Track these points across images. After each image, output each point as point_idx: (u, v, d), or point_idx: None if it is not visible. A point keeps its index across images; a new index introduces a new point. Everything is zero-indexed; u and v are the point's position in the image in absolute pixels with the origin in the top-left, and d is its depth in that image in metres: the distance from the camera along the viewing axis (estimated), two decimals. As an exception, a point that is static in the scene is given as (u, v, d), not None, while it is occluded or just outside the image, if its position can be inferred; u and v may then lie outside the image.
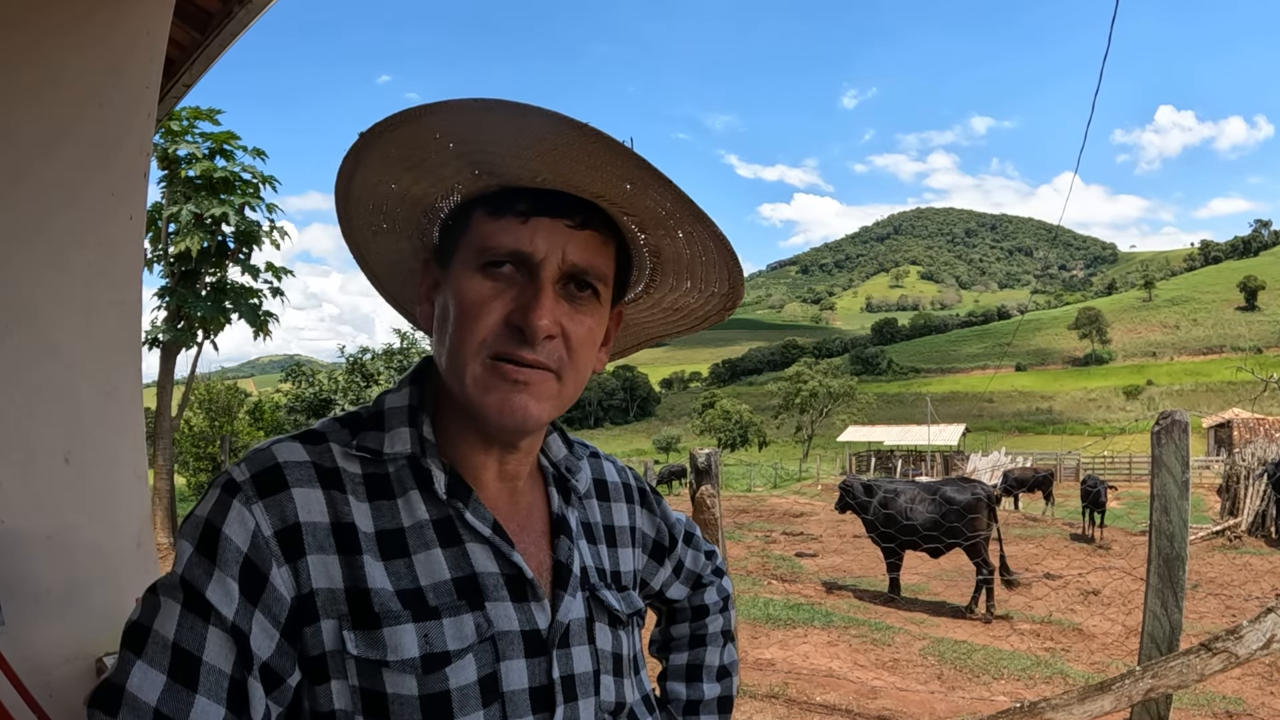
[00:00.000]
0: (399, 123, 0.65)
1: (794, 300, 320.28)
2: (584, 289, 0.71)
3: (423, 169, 0.69)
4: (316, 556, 0.66)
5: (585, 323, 0.71)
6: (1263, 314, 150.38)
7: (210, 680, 0.61)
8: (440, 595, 0.69)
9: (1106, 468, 33.34)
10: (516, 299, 0.68)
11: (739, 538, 13.90)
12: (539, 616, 0.73)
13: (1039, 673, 5.66)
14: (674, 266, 0.79)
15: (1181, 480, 2.93)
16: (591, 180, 0.67)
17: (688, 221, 0.71)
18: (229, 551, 0.64)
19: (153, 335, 10.91)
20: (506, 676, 0.70)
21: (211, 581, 0.63)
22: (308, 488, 0.68)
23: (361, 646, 0.66)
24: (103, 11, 2.58)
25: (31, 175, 2.46)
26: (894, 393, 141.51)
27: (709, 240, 0.73)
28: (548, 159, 0.65)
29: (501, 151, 0.66)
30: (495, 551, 0.73)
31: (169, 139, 10.45)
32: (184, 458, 18.34)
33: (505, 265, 0.69)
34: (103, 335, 2.63)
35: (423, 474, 0.73)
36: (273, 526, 0.65)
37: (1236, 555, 11.03)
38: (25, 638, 2.32)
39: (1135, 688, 2.55)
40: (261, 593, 0.64)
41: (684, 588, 1.04)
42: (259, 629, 0.64)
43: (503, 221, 0.69)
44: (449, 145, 0.66)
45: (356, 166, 0.70)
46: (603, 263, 0.72)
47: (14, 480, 2.38)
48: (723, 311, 0.83)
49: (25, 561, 2.37)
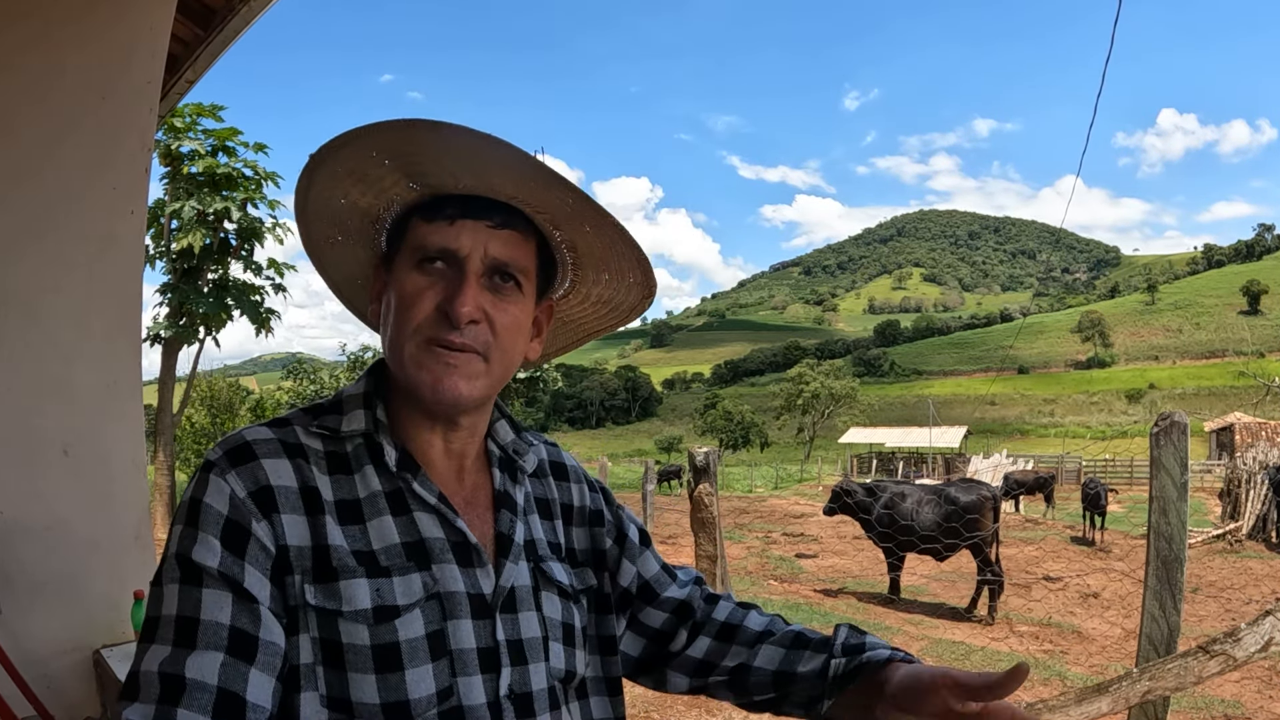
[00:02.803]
0: (340, 144, 0.75)
1: (796, 301, 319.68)
2: (506, 280, 0.80)
3: (366, 183, 0.79)
4: (289, 515, 0.73)
5: (509, 310, 0.80)
6: (1266, 318, 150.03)
7: (209, 634, 0.67)
8: (391, 557, 0.75)
9: (1107, 471, 33.31)
10: (445, 290, 0.77)
11: (739, 538, 13.90)
12: (484, 581, 0.79)
13: (1037, 674, 5.66)
14: (590, 260, 0.88)
15: (1180, 482, 2.92)
16: (504, 183, 0.76)
17: (590, 217, 0.80)
18: (210, 515, 0.71)
19: (155, 331, 10.93)
20: (454, 634, 0.76)
21: (197, 544, 0.70)
22: (275, 458, 0.75)
23: (320, 598, 0.72)
24: (105, 7, 2.59)
25: (34, 170, 2.47)
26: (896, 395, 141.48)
27: (611, 232, 0.82)
28: (464, 165, 0.75)
29: (426, 162, 0.76)
30: (441, 519, 0.80)
31: (172, 135, 10.47)
32: (185, 454, 18.40)
33: (437, 262, 0.78)
34: (103, 329, 2.64)
35: (376, 450, 0.80)
36: (246, 489, 0.72)
37: (1237, 559, 11.02)
38: (23, 629, 2.33)
39: (1133, 690, 2.55)
40: (246, 545, 0.71)
41: (665, 610, 0.99)
42: (252, 577, 0.70)
43: (434, 225, 0.78)
44: (385, 161, 0.76)
45: (310, 183, 0.79)
46: (522, 256, 0.81)
47: (13, 472, 2.39)
48: (644, 300, 0.92)
49: (24, 553, 2.38)
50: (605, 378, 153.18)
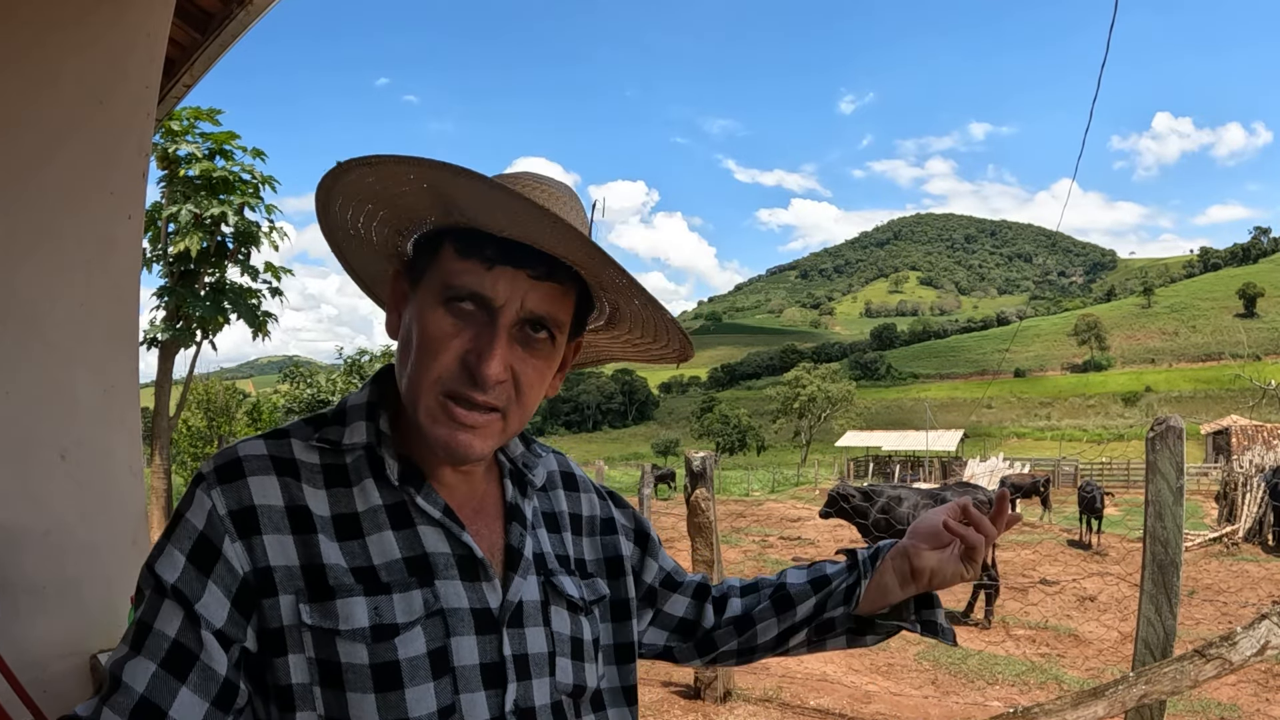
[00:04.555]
0: (377, 162, 0.69)
1: (793, 305, 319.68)
2: (539, 331, 0.75)
3: (399, 196, 0.74)
4: (273, 536, 0.72)
5: (536, 365, 0.76)
6: (1262, 321, 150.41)
7: (152, 643, 0.68)
8: (391, 573, 0.74)
9: (1104, 474, 33.37)
10: (474, 340, 0.73)
11: (735, 542, 13.91)
12: (490, 596, 0.78)
13: (1034, 678, 5.66)
14: (631, 321, 0.86)
15: (1176, 486, 2.93)
16: (554, 244, 0.71)
17: (639, 294, 0.78)
18: (185, 530, 0.71)
19: (151, 335, 10.89)
20: (457, 651, 0.74)
21: (163, 557, 0.70)
22: (263, 475, 0.74)
23: (315, 617, 0.70)
24: (102, 13, 2.60)
25: (31, 174, 2.47)
26: (892, 398, 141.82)
27: (659, 318, 0.81)
28: (513, 221, 0.70)
29: (471, 207, 0.71)
30: (447, 533, 0.78)
31: (169, 139, 10.44)
32: (181, 457, 18.32)
33: (466, 303, 0.73)
34: (100, 333, 2.63)
35: (378, 463, 0.78)
36: (228, 507, 0.71)
37: (1233, 562, 11.05)
38: (20, 633, 2.33)
39: (1129, 693, 2.55)
40: (214, 565, 0.70)
41: (685, 598, 1.04)
42: (210, 597, 0.69)
43: (469, 263, 0.73)
44: (424, 185, 0.71)
45: (335, 182, 0.73)
46: (560, 311, 0.77)
47: (10, 476, 2.39)
48: (676, 359, 0.90)
49: (20, 557, 2.37)
50: (602, 381, 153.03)
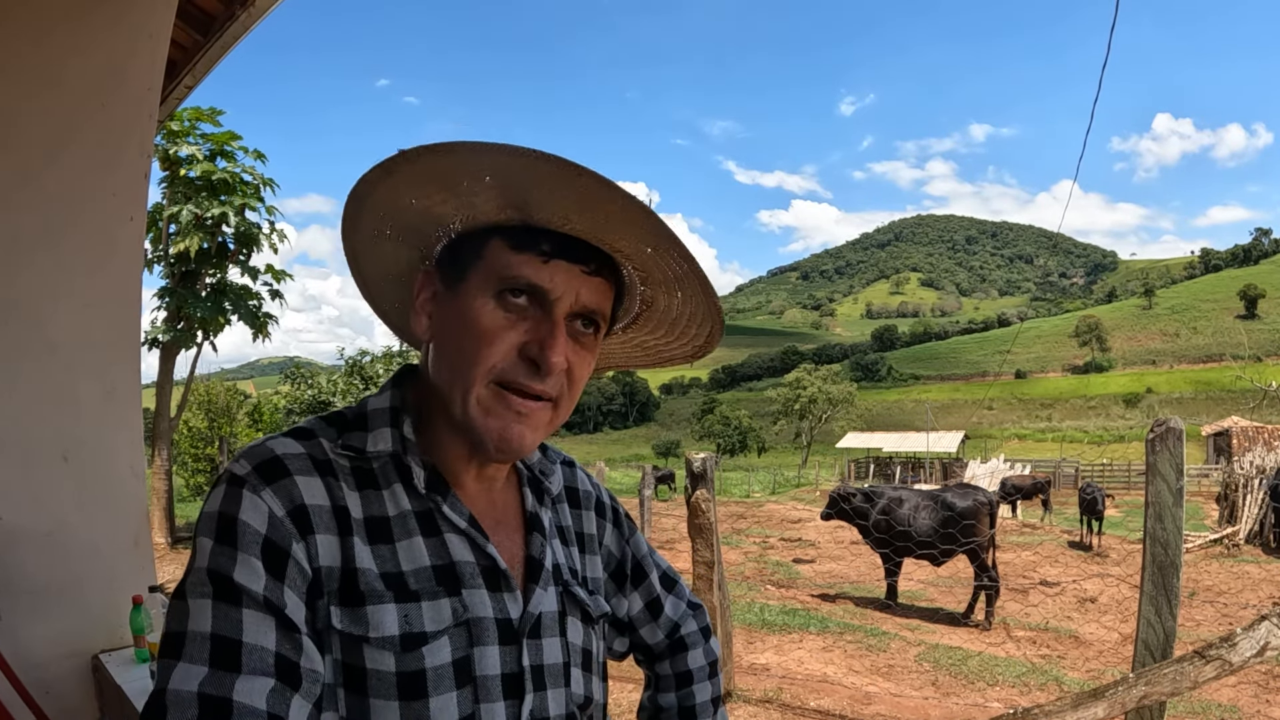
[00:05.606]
0: (445, 151, 0.67)
1: (794, 306, 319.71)
2: (589, 326, 0.77)
3: (453, 193, 0.72)
4: (323, 536, 0.71)
5: (586, 358, 0.78)
6: (1263, 322, 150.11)
7: (254, 659, 0.63)
8: (420, 580, 0.74)
9: (1105, 475, 33.34)
10: (531, 331, 0.73)
11: (736, 543, 13.91)
12: (511, 606, 0.78)
13: (1034, 679, 5.66)
14: (659, 317, 0.86)
15: (1176, 488, 2.94)
16: (619, 239, 0.72)
17: (692, 286, 0.78)
18: (248, 534, 0.67)
19: (152, 336, 10.90)
20: (480, 661, 0.74)
21: (237, 565, 0.66)
22: (307, 475, 0.72)
23: (345, 622, 0.70)
24: (103, 14, 2.60)
25: (33, 176, 2.47)
26: (893, 399, 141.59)
27: (706, 303, 0.81)
28: (586, 216, 0.70)
29: (541, 197, 0.69)
30: (471, 543, 0.78)
31: (170, 140, 10.45)
32: (182, 458, 18.32)
33: (522, 296, 0.73)
34: (102, 334, 2.64)
35: (404, 470, 0.77)
36: (284, 508, 0.69)
37: (1234, 563, 11.04)
38: (22, 634, 2.33)
39: (1129, 695, 2.56)
40: (285, 569, 0.68)
41: (659, 633, 1.04)
42: (291, 603, 0.67)
43: (524, 256, 0.73)
44: (486, 178, 0.69)
45: (385, 177, 0.71)
46: (606, 305, 0.78)
47: (13, 477, 2.39)
48: (689, 358, 0.91)
49: (23, 558, 2.38)
50: (602, 382, 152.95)
